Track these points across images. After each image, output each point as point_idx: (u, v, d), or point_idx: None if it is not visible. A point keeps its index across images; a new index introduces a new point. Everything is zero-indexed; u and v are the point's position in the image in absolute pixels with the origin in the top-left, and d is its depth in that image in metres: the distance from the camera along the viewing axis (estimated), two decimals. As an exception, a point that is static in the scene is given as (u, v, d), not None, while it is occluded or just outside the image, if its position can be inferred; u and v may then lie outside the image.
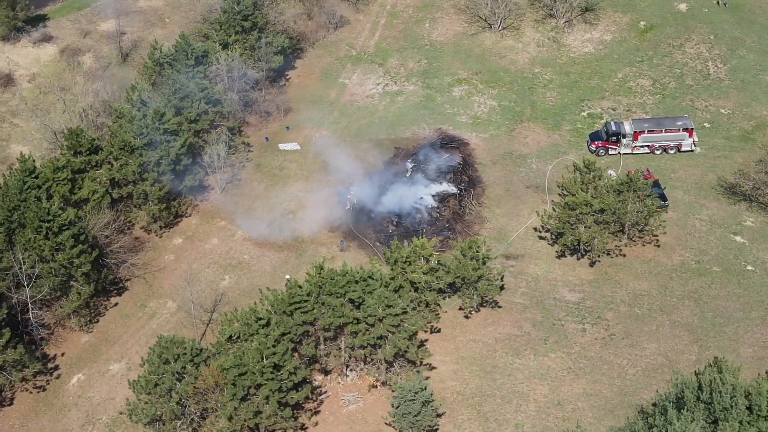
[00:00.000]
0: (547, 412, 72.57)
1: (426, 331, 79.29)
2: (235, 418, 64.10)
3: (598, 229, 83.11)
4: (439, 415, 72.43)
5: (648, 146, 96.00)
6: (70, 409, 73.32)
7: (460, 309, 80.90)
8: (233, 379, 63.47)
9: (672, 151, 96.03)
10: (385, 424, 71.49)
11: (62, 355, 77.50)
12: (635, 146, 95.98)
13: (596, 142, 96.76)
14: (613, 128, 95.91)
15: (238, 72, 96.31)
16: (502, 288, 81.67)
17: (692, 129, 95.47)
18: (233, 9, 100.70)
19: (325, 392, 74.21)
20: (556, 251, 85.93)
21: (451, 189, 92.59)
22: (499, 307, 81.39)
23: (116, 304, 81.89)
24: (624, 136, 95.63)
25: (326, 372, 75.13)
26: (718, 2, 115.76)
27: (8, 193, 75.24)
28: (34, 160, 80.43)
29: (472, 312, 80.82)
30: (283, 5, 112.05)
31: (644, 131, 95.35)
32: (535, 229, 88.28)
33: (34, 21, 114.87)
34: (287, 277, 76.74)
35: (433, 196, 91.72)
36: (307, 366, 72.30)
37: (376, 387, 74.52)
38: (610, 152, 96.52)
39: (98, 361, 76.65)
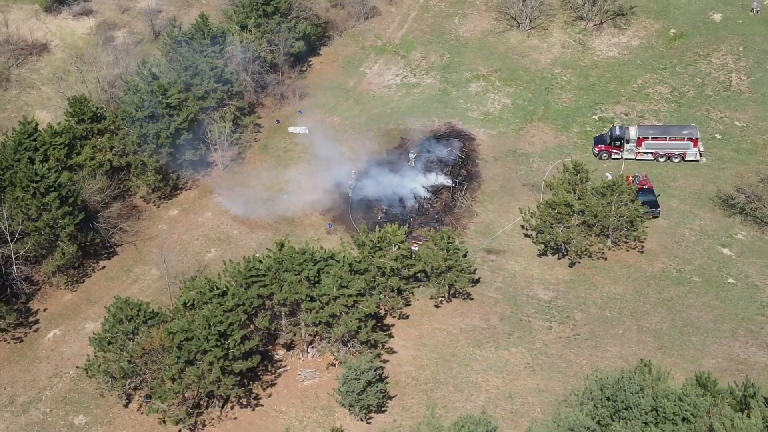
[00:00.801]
0: (496, 404, 73.48)
1: (394, 317, 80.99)
2: (179, 381, 66.77)
3: (578, 229, 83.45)
4: (390, 397, 74.10)
5: (652, 153, 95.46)
6: (42, 361, 77.11)
7: (432, 298, 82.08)
8: (179, 343, 66.13)
9: (676, 160, 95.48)
10: (335, 401, 73.35)
11: (44, 310, 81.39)
12: (638, 152, 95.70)
13: (599, 146, 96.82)
14: (617, 133, 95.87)
15: (252, 54, 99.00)
16: (477, 281, 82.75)
17: (698, 139, 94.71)
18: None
19: (285, 366, 76.42)
20: (539, 250, 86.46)
21: (446, 181, 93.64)
22: (471, 299, 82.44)
23: (104, 267, 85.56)
24: (627, 141, 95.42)
25: (289, 347, 77.40)
26: (752, 10, 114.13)
27: (4, 153, 79.33)
28: (37, 124, 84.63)
29: (443, 302, 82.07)
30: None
31: (648, 138, 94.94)
32: (522, 226, 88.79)
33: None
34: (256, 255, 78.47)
35: (427, 187, 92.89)
36: (267, 340, 74.82)
37: (335, 365, 76.33)
38: (613, 156, 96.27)
39: (76, 319, 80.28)
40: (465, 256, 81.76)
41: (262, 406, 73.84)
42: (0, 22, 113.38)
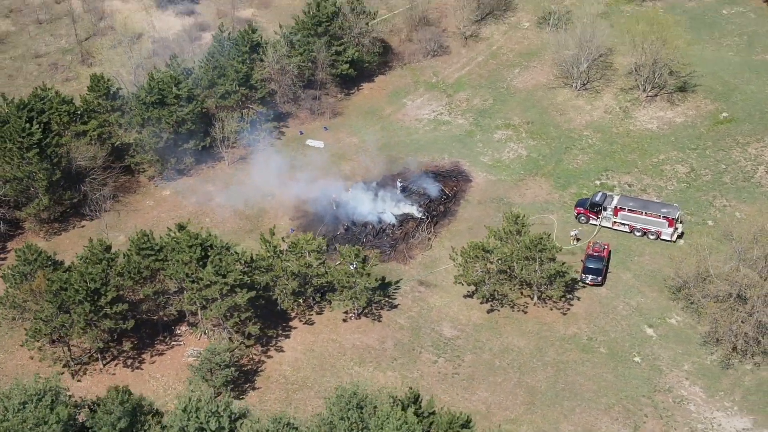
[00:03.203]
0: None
1: (302, 321, 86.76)
2: (49, 323, 75.99)
3: (497, 276, 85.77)
4: (254, 389, 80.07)
5: (628, 225, 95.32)
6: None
7: (346, 313, 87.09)
8: (56, 290, 75.46)
9: (652, 237, 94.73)
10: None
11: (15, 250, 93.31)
12: (615, 222, 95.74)
13: (579, 208, 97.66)
14: (596, 199, 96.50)
15: (283, 67, 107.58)
16: (395, 306, 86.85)
17: (674, 220, 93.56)
18: (309, 13, 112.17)
19: (180, 341, 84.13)
20: (468, 291, 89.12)
21: (416, 213, 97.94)
22: (380, 321, 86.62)
23: (83, 226, 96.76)
24: (605, 209, 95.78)
25: (192, 324, 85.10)
26: None
27: (8, 109, 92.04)
28: (57, 91, 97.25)
29: (352, 318, 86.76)
30: (381, 24, 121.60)
31: (625, 209, 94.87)
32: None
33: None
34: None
35: (396, 215, 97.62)
36: (158, 309, 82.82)
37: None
38: (590, 221, 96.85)
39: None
40: (397, 282, 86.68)
41: (142, 369, 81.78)
42: (117, 11, 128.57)
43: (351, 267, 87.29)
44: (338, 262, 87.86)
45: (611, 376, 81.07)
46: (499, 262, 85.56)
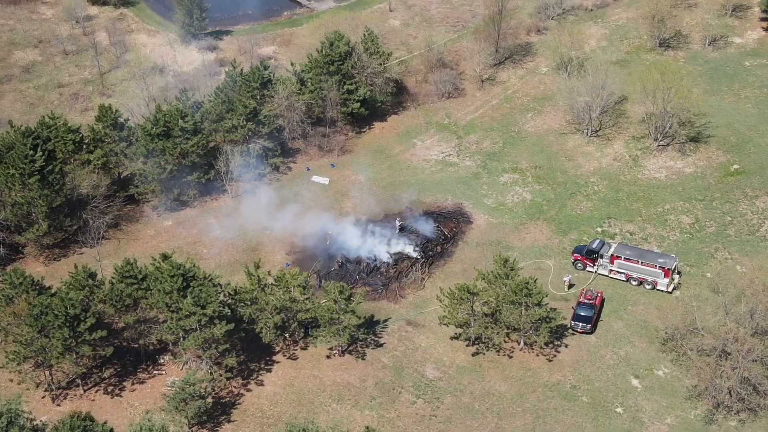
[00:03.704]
0: (313, 452, 77.35)
1: (286, 356, 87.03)
2: (29, 347, 77.10)
3: (483, 320, 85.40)
4: (230, 421, 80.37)
5: (624, 274, 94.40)
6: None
7: (331, 349, 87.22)
8: (36, 315, 76.66)
9: (648, 287, 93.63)
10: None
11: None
12: (611, 270, 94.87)
13: (576, 255, 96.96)
14: (593, 246, 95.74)
15: (291, 104, 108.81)
16: (380, 345, 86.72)
17: (670, 270, 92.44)
18: (322, 52, 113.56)
19: (163, 370, 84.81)
20: (455, 332, 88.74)
21: (411, 253, 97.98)
22: (364, 359, 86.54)
23: (82, 253, 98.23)
24: (601, 256, 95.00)
25: (174, 354, 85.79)
26: None
27: (15, 136, 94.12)
28: (66, 121, 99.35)
29: (336, 354, 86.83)
30: (398, 65, 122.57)
31: (621, 257, 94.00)
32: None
33: (217, 33, 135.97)
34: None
35: (391, 253, 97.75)
36: (139, 337, 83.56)
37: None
38: (587, 268, 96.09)
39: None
40: (386, 321, 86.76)
41: (121, 397, 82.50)
42: (142, 44, 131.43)
43: (336, 305, 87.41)
44: (324, 300, 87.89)
45: (591, 426, 79.96)
46: (485, 305, 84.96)
